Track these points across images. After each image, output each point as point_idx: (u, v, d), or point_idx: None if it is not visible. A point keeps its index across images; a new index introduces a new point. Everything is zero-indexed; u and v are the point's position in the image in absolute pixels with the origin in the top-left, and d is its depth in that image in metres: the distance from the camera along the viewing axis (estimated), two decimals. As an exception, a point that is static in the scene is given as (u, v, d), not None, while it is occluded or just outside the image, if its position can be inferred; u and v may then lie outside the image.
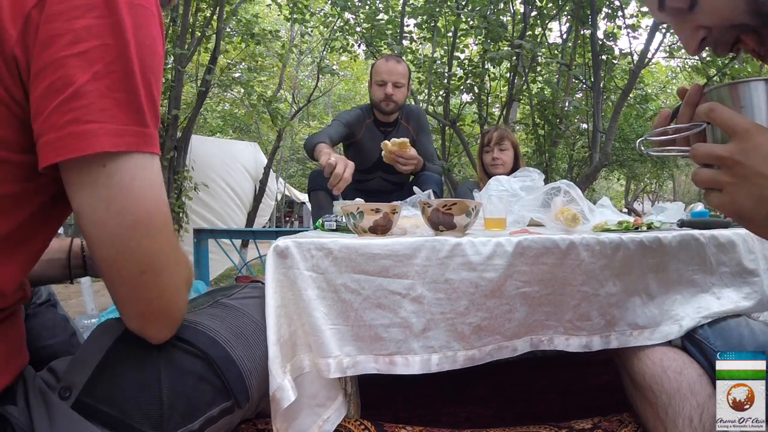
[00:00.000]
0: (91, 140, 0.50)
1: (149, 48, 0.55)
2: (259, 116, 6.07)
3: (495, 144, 2.37)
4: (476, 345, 0.84)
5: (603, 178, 12.56)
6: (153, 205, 0.55)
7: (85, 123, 0.50)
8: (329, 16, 5.43)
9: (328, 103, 14.00)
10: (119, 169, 0.53)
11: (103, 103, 0.51)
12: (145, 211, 0.54)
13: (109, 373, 0.60)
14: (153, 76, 0.55)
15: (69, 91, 0.50)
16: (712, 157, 0.55)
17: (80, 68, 0.50)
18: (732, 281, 0.94)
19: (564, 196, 1.09)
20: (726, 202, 0.54)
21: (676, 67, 9.33)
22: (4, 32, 0.49)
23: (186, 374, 0.62)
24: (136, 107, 0.53)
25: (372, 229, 0.92)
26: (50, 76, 0.49)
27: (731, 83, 0.63)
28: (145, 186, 0.54)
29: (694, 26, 0.65)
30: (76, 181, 0.52)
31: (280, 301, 0.77)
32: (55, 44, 0.49)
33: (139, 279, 0.55)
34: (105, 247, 0.54)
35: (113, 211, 0.53)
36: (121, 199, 0.53)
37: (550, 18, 4.67)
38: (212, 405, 0.64)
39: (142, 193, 0.54)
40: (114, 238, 0.53)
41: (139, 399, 0.59)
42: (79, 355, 0.62)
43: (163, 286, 0.57)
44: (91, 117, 0.51)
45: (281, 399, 0.71)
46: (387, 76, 2.26)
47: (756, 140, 0.52)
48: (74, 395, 0.57)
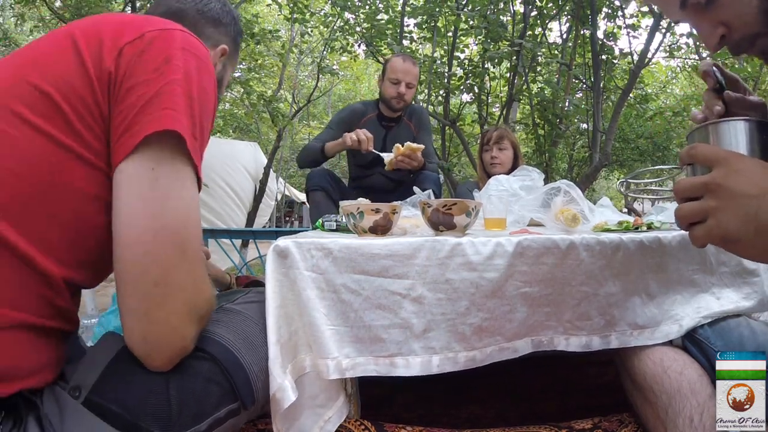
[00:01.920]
0: (169, 119, 0.56)
1: (206, 91, 0.63)
2: (259, 116, 6.07)
3: (494, 143, 2.38)
4: (477, 346, 0.84)
5: (603, 178, 12.55)
6: (188, 219, 0.58)
7: (161, 109, 0.56)
8: (329, 16, 5.43)
9: (328, 103, 14.00)
10: (169, 173, 0.56)
11: (178, 101, 0.58)
12: (180, 221, 0.56)
13: (119, 373, 0.60)
14: (206, 115, 0.63)
15: (149, 96, 0.57)
16: (696, 186, 0.55)
17: (154, 83, 0.58)
18: (732, 281, 0.94)
19: (564, 196, 1.09)
20: (712, 226, 0.54)
21: (676, 67, 9.33)
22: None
23: (194, 376, 0.63)
24: (198, 124, 0.60)
25: (372, 229, 0.92)
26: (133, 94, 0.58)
27: (711, 123, 0.66)
28: (185, 198, 0.58)
29: (714, 22, 0.65)
30: (126, 179, 0.55)
31: (280, 302, 0.77)
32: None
33: (151, 290, 0.55)
34: (130, 248, 0.55)
35: (149, 212, 0.55)
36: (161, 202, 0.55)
37: (550, 18, 4.68)
38: (219, 407, 0.65)
39: (181, 204, 0.57)
40: (141, 237, 0.55)
41: (147, 400, 0.59)
42: (89, 356, 0.62)
43: (172, 307, 0.57)
44: (169, 104, 0.57)
45: (281, 399, 0.70)
46: (402, 76, 2.29)
47: (737, 165, 0.53)
48: (83, 395, 0.58)
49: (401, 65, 2.31)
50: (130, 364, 0.60)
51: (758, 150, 0.63)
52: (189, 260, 0.58)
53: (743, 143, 0.63)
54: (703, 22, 0.67)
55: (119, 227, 0.55)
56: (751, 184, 0.51)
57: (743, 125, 0.64)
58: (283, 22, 7.09)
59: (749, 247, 0.53)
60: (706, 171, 0.56)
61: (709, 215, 0.54)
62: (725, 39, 0.66)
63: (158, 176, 0.56)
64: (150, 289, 0.55)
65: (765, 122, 0.65)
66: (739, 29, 0.64)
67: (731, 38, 0.66)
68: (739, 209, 0.52)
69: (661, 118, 7.50)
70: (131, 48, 0.60)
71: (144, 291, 0.55)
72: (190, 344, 0.62)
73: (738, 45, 0.66)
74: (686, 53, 5.57)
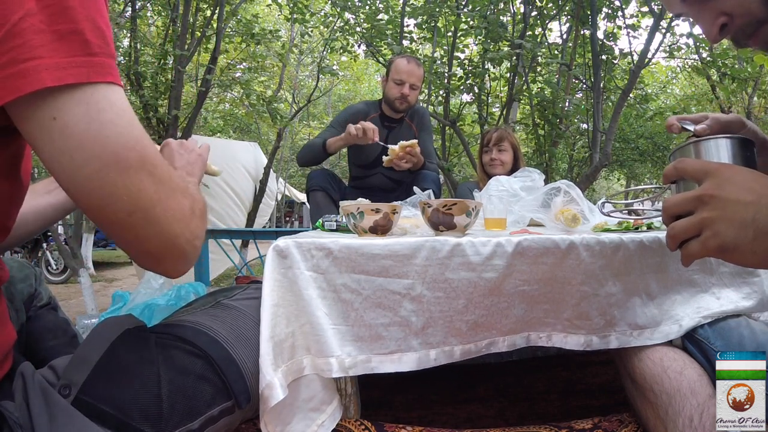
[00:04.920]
0: (30, 77, 0.45)
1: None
2: (259, 116, 6.07)
3: (494, 144, 2.38)
4: (473, 340, 0.84)
5: (603, 178, 12.55)
6: (121, 144, 0.49)
7: (21, 62, 0.45)
8: (329, 16, 5.43)
9: (328, 103, 14.00)
10: (70, 114, 0.47)
11: (41, 38, 0.45)
12: (112, 152, 0.49)
13: (109, 371, 0.59)
14: (95, 7, 0.50)
15: (0, 33, 0.44)
16: (688, 200, 0.55)
17: (8, 8, 0.45)
18: (732, 281, 0.94)
19: (564, 196, 1.09)
20: (708, 238, 0.53)
21: (676, 67, 9.33)
22: None
23: (186, 373, 0.62)
24: (81, 38, 0.47)
25: (372, 229, 0.92)
26: None
27: (693, 141, 0.66)
28: (105, 124, 0.48)
29: (715, 12, 0.65)
30: (35, 134, 0.48)
31: (277, 300, 0.77)
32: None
33: (129, 221, 0.51)
34: (83, 197, 0.50)
35: (79, 161, 0.48)
36: (83, 148, 0.48)
37: (550, 18, 4.67)
38: (212, 405, 0.64)
39: (104, 134, 0.48)
40: (88, 185, 0.49)
41: (138, 398, 0.58)
42: (79, 353, 0.61)
43: (157, 221, 0.53)
44: (27, 54, 0.45)
45: (269, 397, 0.69)
46: (406, 77, 2.29)
47: (727, 174, 0.53)
48: (74, 393, 0.57)
49: (405, 66, 2.31)
50: (120, 360, 0.59)
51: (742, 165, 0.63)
52: (146, 176, 0.52)
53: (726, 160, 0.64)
54: (704, 12, 0.67)
55: (61, 183, 0.50)
56: (745, 190, 0.52)
57: (725, 142, 0.64)
58: (283, 22, 7.09)
59: (748, 254, 0.52)
60: (694, 186, 0.56)
61: (704, 227, 0.54)
62: (726, 29, 0.66)
63: (64, 123, 0.47)
64: (127, 219, 0.51)
65: (746, 138, 0.65)
66: (742, 16, 0.64)
67: (733, 26, 0.66)
68: (736, 216, 0.51)
69: (661, 118, 7.50)
70: None
71: (123, 224, 0.51)
72: (196, 237, 0.58)
73: (741, 32, 0.66)
74: (686, 53, 5.57)
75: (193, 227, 0.58)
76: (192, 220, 0.57)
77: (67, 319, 0.94)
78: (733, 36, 0.67)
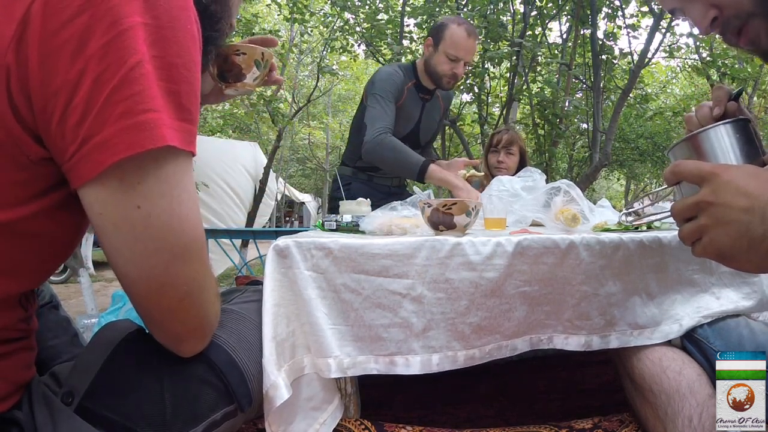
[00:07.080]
0: (152, 132, 0.42)
1: (187, 40, 0.47)
2: (259, 116, 6.07)
3: (503, 147, 2.37)
4: (476, 344, 0.84)
5: (603, 178, 12.56)
6: (191, 237, 0.49)
7: (141, 113, 0.42)
8: (329, 16, 5.43)
9: (328, 103, 13.98)
10: (155, 206, 0.45)
11: (155, 90, 0.43)
12: (183, 244, 0.49)
13: (111, 377, 0.59)
14: (195, 71, 0.48)
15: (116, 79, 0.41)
16: (687, 207, 0.56)
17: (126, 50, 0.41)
18: (732, 281, 0.94)
19: (564, 196, 1.09)
20: (707, 244, 0.54)
21: (676, 67, 9.33)
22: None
23: (188, 378, 0.62)
24: (178, 101, 0.45)
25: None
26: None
27: (688, 137, 0.65)
28: (183, 219, 0.48)
29: (706, 4, 0.66)
30: (111, 216, 0.45)
31: (278, 300, 0.77)
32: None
33: (178, 306, 0.53)
34: (141, 283, 0.49)
35: (150, 251, 0.47)
36: (158, 239, 0.47)
37: (550, 18, 4.67)
38: (215, 409, 0.63)
39: (182, 227, 0.48)
40: (149, 273, 0.49)
41: (141, 404, 0.58)
42: (81, 360, 0.61)
43: (201, 305, 0.55)
44: (146, 105, 0.42)
45: (274, 397, 0.69)
46: (464, 54, 1.88)
47: (723, 178, 0.53)
48: (76, 400, 0.56)
49: (465, 41, 1.86)
50: (122, 366, 0.59)
51: (740, 151, 0.63)
52: (204, 263, 0.53)
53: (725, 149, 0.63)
54: (695, 4, 0.68)
55: (122, 269, 0.49)
56: (740, 195, 0.52)
57: (721, 130, 0.63)
58: (283, 22, 7.09)
59: (745, 262, 0.53)
60: (695, 187, 0.56)
61: (703, 234, 0.55)
62: (717, 22, 0.67)
63: (149, 212, 0.45)
64: (177, 305, 0.52)
65: (740, 119, 0.64)
66: (730, 8, 0.65)
67: (722, 18, 0.66)
68: (731, 225, 0.52)
69: (661, 118, 7.51)
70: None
71: (172, 309, 0.52)
72: (217, 319, 0.61)
73: (730, 25, 0.67)
74: (686, 53, 5.57)
75: (218, 310, 0.60)
76: (218, 303, 0.60)
77: (68, 317, 0.94)
78: (722, 30, 0.68)
